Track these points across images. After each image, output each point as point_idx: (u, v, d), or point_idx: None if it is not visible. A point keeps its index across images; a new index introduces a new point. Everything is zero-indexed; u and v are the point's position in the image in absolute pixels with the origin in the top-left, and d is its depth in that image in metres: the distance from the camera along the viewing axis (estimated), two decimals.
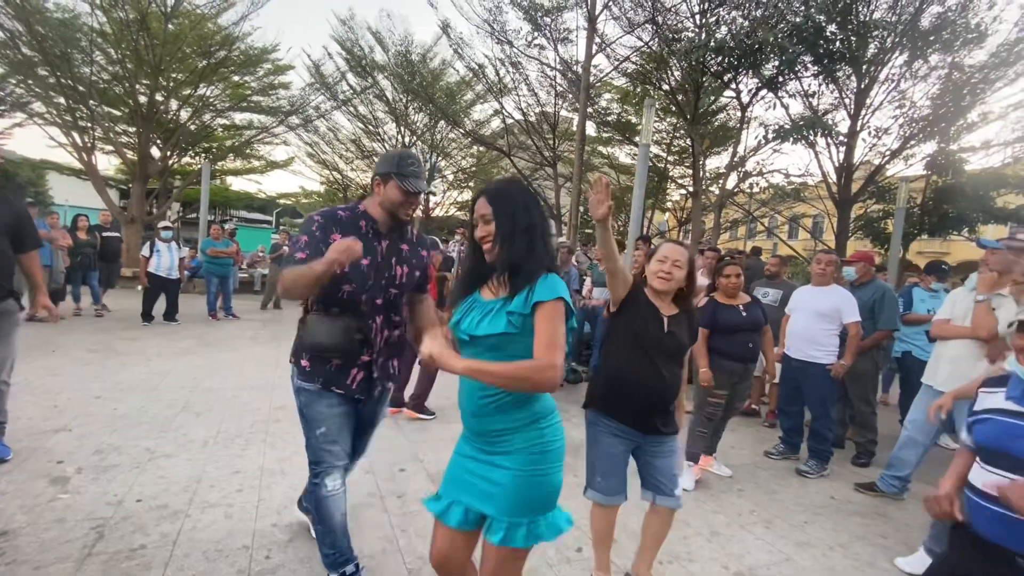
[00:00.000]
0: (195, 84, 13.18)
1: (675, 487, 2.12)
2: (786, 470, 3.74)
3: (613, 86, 13.58)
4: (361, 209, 1.87)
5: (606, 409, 2.09)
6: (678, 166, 15.61)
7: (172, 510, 2.46)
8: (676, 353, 2.09)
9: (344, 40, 14.62)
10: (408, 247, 1.95)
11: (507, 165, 15.50)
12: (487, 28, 12.10)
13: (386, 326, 1.91)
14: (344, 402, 1.89)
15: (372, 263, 1.82)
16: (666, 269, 2.07)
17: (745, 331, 3.36)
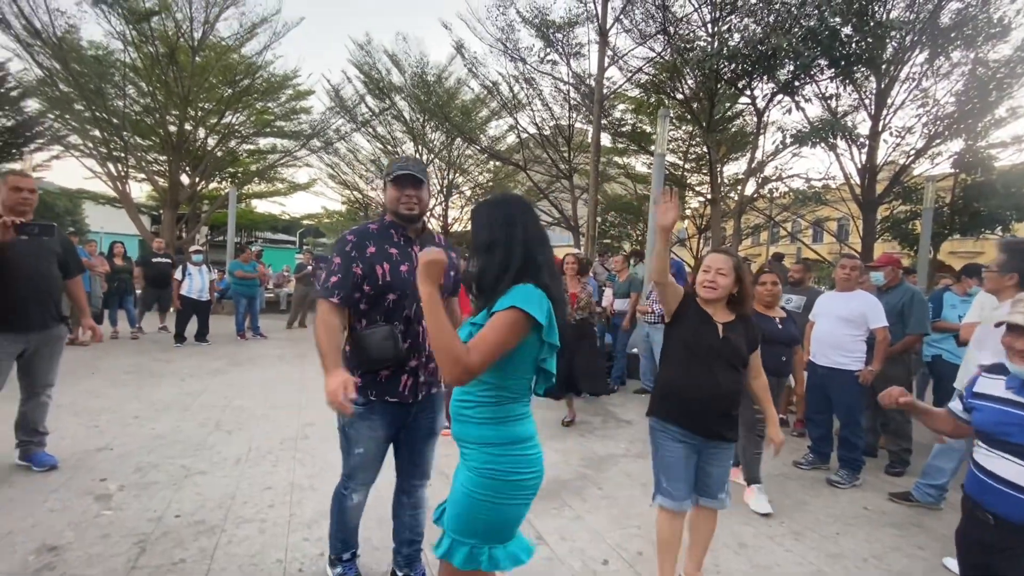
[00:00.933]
0: (221, 112, 13.71)
1: (721, 490, 2.18)
2: (816, 480, 3.66)
3: (627, 97, 13.65)
4: (388, 220, 1.94)
5: (665, 416, 2.16)
6: (696, 174, 15.53)
7: (208, 525, 2.55)
8: (733, 359, 2.10)
9: (362, 64, 15.05)
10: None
11: (523, 179, 15.63)
12: (500, 47, 12.33)
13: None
14: (386, 424, 1.91)
15: (410, 268, 1.86)
16: (710, 278, 2.10)
17: (780, 344, 3.28)
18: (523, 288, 1.31)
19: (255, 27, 13.16)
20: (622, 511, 3.01)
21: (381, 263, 1.82)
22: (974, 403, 1.65)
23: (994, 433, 1.54)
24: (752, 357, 2.23)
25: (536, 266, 1.37)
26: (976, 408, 1.63)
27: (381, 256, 1.83)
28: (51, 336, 3.07)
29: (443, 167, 16.92)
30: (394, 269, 1.83)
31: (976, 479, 1.59)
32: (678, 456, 2.13)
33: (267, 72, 13.97)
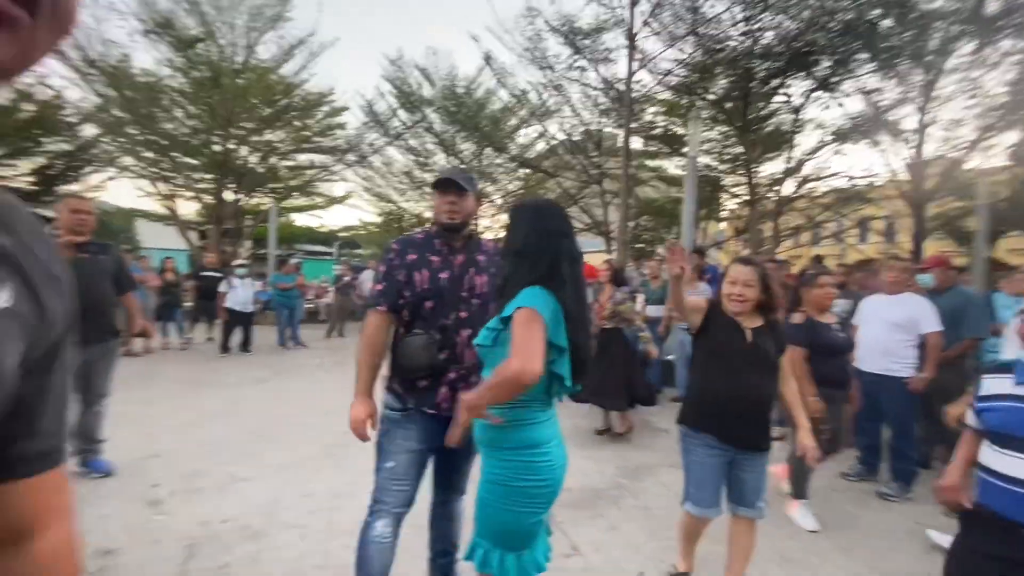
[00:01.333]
0: (262, 131, 14.29)
1: (758, 499, 2.16)
2: (865, 492, 3.49)
3: (658, 99, 13.47)
4: (433, 230, 1.93)
5: (695, 425, 2.17)
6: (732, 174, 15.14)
7: (253, 530, 2.64)
8: (762, 364, 2.11)
9: (394, 79, 15.41)
10: (485, 257, 1.93)
11: (553, 186, 15.63)
12: (528, 56, 12.41)
13: (471, 340, 1.81)
14: (422, 438, 1.82)
15: (450, 276, 1.83)
16: (737, 292, 2.11)
17: (842, 353, 3.05)
18: (530, 290, 1.39)
19: (292, 49, 13.69)
20: (658, 522, 2.95)
21: (420, 269, 1.81)
22: (984, 406, 1.55)
23: (1008, 432, 1.45)
24: (784, 361, 2.20)
25: (560, 279, 1.42)
26: (987, 410, 1.54)
27: (421, 263, 1.82)
28: (106, 349, 3.28)
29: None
30: (433, 277, 1.81)
31: (998, 489, 1.45)
32: (708, 464, 2.14)
33: (304, 91, 14.49)
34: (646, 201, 17.11)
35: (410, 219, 18.62)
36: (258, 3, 12.77)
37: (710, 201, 15.25)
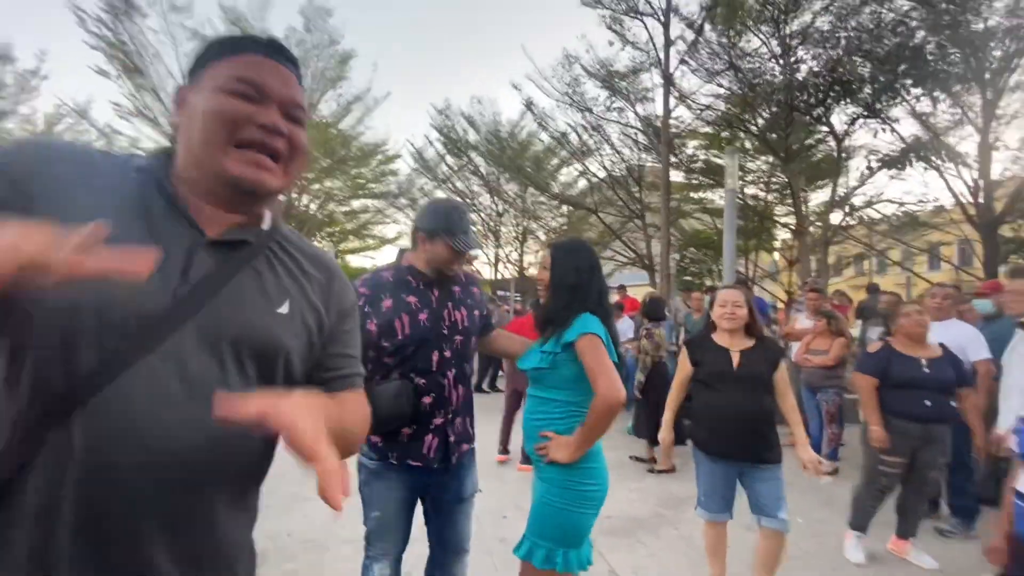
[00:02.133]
0: (321, 180, 15.48)
1: (778, 509, 2.28)
2: (923, 530, 3.35)
3: (699, 133, 13.60)
4: (406, 265, 1.75)
5: (696, 442, 2.46)
6: (780, 204, 14.87)
7: (316, 543, 2.90)
8: (751, 382, 2.32)
9: (441, 127, 16.41)
10: (460, 288, 1.81)
11: (596, 221, 15.87)
12: (567, 100, 12.95)
13: (459, 381, 1.72)
14: (406, 486, 1.69)
15: (431, 316, 1.68)
16: (728, 311, 2.38)
17: (926, 389, 2.84)
18: (585, 317, 1.61)
19: (350, 104, 14.96)
20: (698, 552, 2.96)
21: (399, 316, 1.64)
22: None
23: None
24: (777, 379, 2.34)
25: (604, 307, 1.69)
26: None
27: (398, 308, 1.65)
28: None
29: (518, 215, 17.66)
30: (413, 320, 1.65)
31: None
32: (713, 474, 2.38)
33: (360, 142, 15.68)
34: (692, 233, 17.02)
35: None
36: (320, 66, 14.11)
37: (759, 232, 15.00)
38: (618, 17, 11.28)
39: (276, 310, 0.72)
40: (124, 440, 0.59)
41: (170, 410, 0.61)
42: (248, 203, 0.73)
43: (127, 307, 0.59)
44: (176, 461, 0.62)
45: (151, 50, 11.77)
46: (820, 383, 4.58)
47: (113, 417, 0.59)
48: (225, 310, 0.67)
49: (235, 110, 0.67)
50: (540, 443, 1.65)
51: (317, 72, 14.19)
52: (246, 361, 0.69)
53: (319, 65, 14.12)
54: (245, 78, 0.68)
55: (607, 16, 11.28)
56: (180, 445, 0.62)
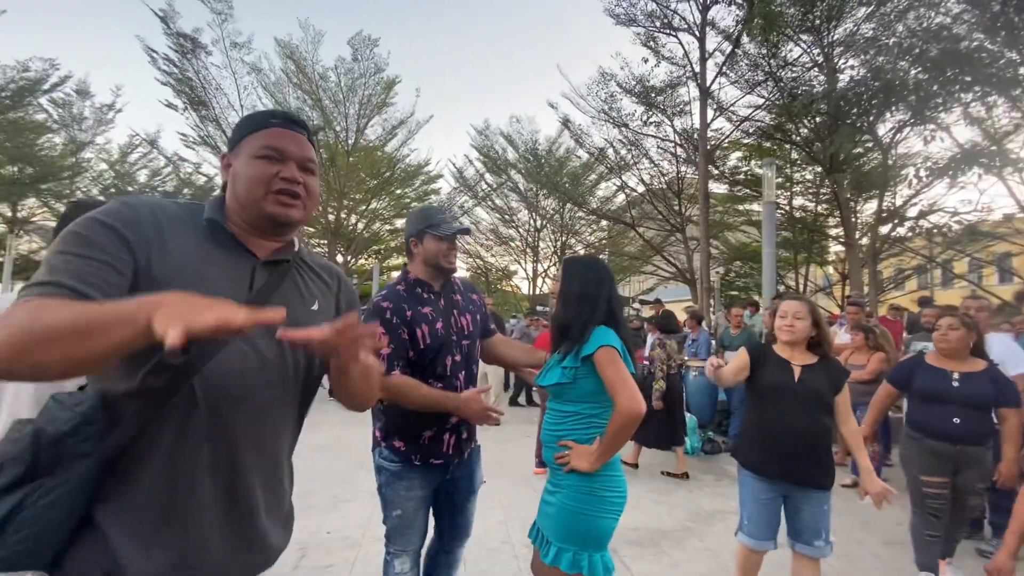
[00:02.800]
0: (368, 201, 16.20)
1: (817, 537, 2.15)
2: (963, 551, 3.20)
3: (741, 144, 13.39)
4: (412, 278, 1.84)
5: (744, 461, 2.29)
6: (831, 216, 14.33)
7: (352, 541, 3.10)
8: (811, 400, 2.17)
9: (481, 147, 16.90)
10: (460, 296, 1.93)
11: (635, 236, 15.79)
12: (603, 116, 13.06)
13: (468, 382, 1.87)
14: (426, 484, 1.81)
15: (445, 325, 1.81)
16: (788, 323, 2.27)
17: (953, 404, 2.68)
18: (601, 329, 1.64)
19: (395, 128, 15.67)
20: (722, 565, 2.97)
21: (420, 325, 1.75)
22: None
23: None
24: (839, 400, 2.21)
25: (616, 320, 1.70)
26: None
27: (419, 318, 1.76)
28: None
29: (556, 231, 17.82)
30: (432, 329, 1.77)
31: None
32: (760, 498, 2.21)
33: (404, 164, 16.34)
34: (737, 246, 16.62)
35: (496, 273, 19.57)
36: (367, 94, 14.88)
37: (808, 244, 14.48)
38: (652, 34, 11.35)
39: (311, 308, 1.04)
40: (228, 393, 0.87)
41: (252, 374, 0.90)
42: (281, 232, 1.02)
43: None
44: (258, 408, 0.91)
45: (214, 84, 12.82)
46: (858, 399, 4.41)
47: (219, 378, 0.86)
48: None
49: (266, 170, 0.96)
50: (560, 452, 1.67)
51: (364, 99, 14.97)
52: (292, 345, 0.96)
53: (366, 92, 14.91)
54: (271, 146, 0.97)
55: (641, 34, 11.38)
56: (260, 397, 0.91)
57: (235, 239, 0.96)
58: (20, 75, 12.52)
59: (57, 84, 13.18)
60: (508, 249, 19.27)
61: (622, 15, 11.25)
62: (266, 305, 0.92)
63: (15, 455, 0.77)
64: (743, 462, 2.28)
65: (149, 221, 0.87)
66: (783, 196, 13.97)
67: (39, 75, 12.73)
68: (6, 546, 0.74)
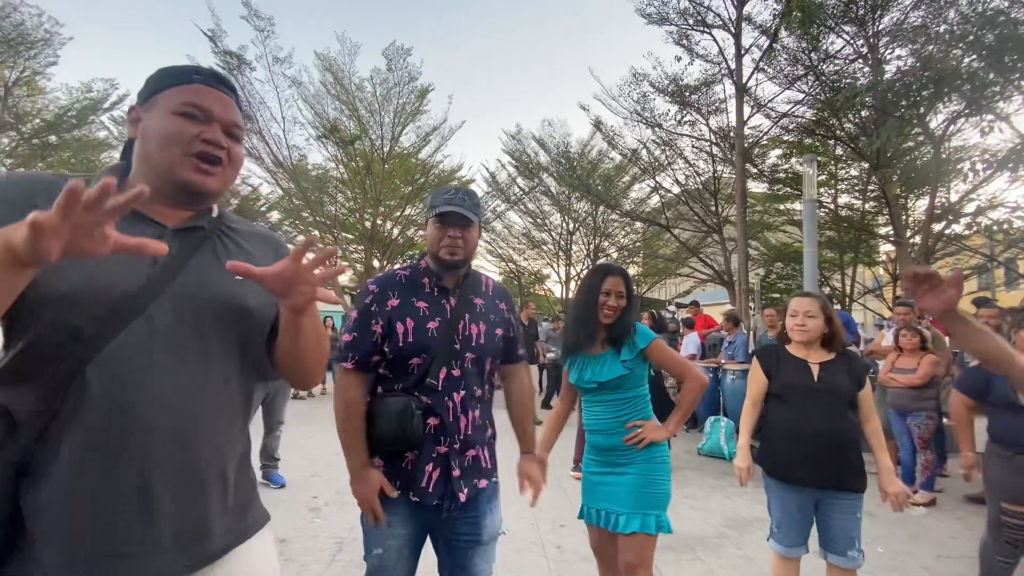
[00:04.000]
0: (403, 207, 16.54)
1: (850, 547, 2.05)
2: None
3: (782, 141, 12.95)
4: (422, 266, 1.58)
5: (771, 470, 2.18)
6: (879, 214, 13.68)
7: None
8: (833, 399, 2.08)
9: (513, 151, 16.99)
10: (483, 301, 1.60)
11: (670, 238, 15.51)
12: (636, 117, 12.90)
13: (469, 404, 1.50)
14: (412, 521, 1.47)
15: (442, 325, 1.49)
16: (799, 322, 2.19)
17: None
18: (640, 326, 1.99)
19: (428, 135, 15.94)
20: (759, 572, 2.88)
21: (404, 319, 1.47)
22: None
23: None
24: (861, 397, 2.10)
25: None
26: None
27: (405, 310, 1.48)
28: (283, 382, 4.20)
29: (589, 234, 17.71)
30: (419, 327, 1.47)
31: None
32: (787, 503, 2.13)
33: (438, 170, 16.61)
34: (778, 247, 16.07)
35: (529, 277, 19.58)
36: (401, 102, 15.21)
37: (856, 244, 13.86)
38: (686, 32, 11.16)
39: (236, 281, 0.88)
40: (126, 381, 0.78)
41: (156, 357, 0.80)
42: (195, 202, 0.92)
43: (111, 287, 0.78)
44: (165, 395, 0.81)
45: (258, 98, 13.39)
46: (910, 405, 4.22)
47: (116, 366, 0.77)
48: (191, 282, 0.86)
49: (187, 129, 0.86)
50: (630, 434, 1.91)
51: (399, 107, 15.32)
52: (211, 318, 0.88)
53: (400, 101, 15.25)
54: (193, 103, 0.87)
55: (674, 32, 11.20)
56: (166, 384, 0.81)
57: (134, 212, 0.82)
58: (84, 95, 13.43)
59: (116, 103, 14.05)
60: (540, 253, 19.27)
61: (654, 14, 11.11)
62: (174, 279, 0.83)
63: None
64: (768, 470, 2.18)
65: (24, 195, 0.78)
66: (827, 194, 13.44)
67: (100, 95, 13.61)
68: None
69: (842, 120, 10.31)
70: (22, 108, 12.39)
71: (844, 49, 9.86)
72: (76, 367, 0.75)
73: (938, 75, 7.68)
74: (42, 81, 13.02)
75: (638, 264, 18.83)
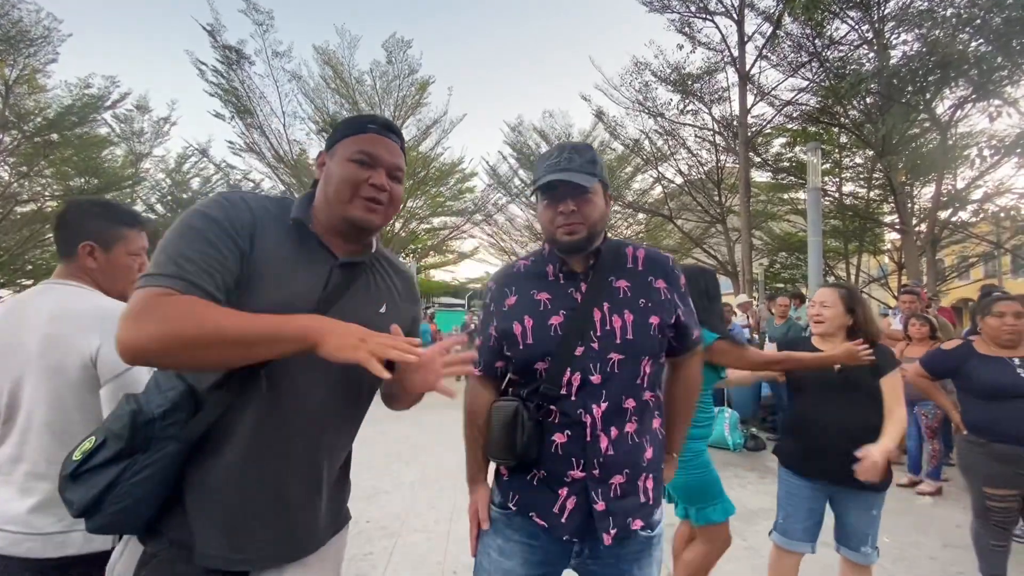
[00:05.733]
0: (404, 201, 16.52)
1: (863, 544, 2.02)
2: None
3: (786, 130, 12.83)
4: (547, 251, 1.30)
5: (786, 461, 2.15)
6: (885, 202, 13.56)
7: (390, 531, 3.19)
8: (853, 393, 2.03)
9: (514, 143, 16.89)
10: (629, 282, 1.23)
11: (673, 229, 15.44)
12: (638, 107, 12.80)
13: (613, 419, 1.16)
14: (531, 558, 1.20)
15: (569, 319, 1.20)
16: (815, 312, 2.16)
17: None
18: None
19: (429, 128, 15.86)
20: (764, 564, 2.86)
21: (521, 318, 1.22)
22: None
23: None
24: (884, 384, 2.01)
25: None
26: None
27: (523, 308, 1.24)
28: None
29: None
30: (539, 324, 1.21)
31: None
32: (797, 496, 2.09)
33: (439, 163, 16.55)
34: (782, 237, 15.98)
35: None
36: (401, 96, 15.14)
37: (860, 233, 13.76)
38: (688, 19, 11.04)
39: (379, 311, 1.08)
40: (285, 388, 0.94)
41: (315, 369, 0.95)
42: (361, 237, 1.07)
43: (290, 307, 0.91)
44: (318, 398, 0.98)
45: (257, 92, 13.36)
46: (917, 394, 4.19)
47: (281, 373, 0.93)
48: (347, 309, 1.00)
49: (357, 174, 1.02)
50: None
51: (399, 100, 15.25)
52: None
53: (401, 94, 15.17)
54: (365, 151, 1.02)
55: (676, 20, 11.09)
56: (319, 391, 0.97)
57: (318, 240, 1.02)
58: (82, 91, 13.42)
59: (118, 101, 14.02)
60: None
61: (655, 2, 11.00)
62: (335, 304, 0.99)
63: (117, 432, 0.86)
64: (783, 461, 2.16)
65: (246, 213, 0.95)
66: (831, 182, 13.32)
67: (101, 92, 13.59)
68: (104, 515, 0.85)
69: (847, 107, 10.22)
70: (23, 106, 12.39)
71: (849, 35, 9.77)
72: (256, 367, 0.89)
73: (945, 60, 7.59)
74: (42, 79, 13.00)
75: None
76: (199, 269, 0.85)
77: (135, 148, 16.30)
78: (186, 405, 0.88)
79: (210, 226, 0.89)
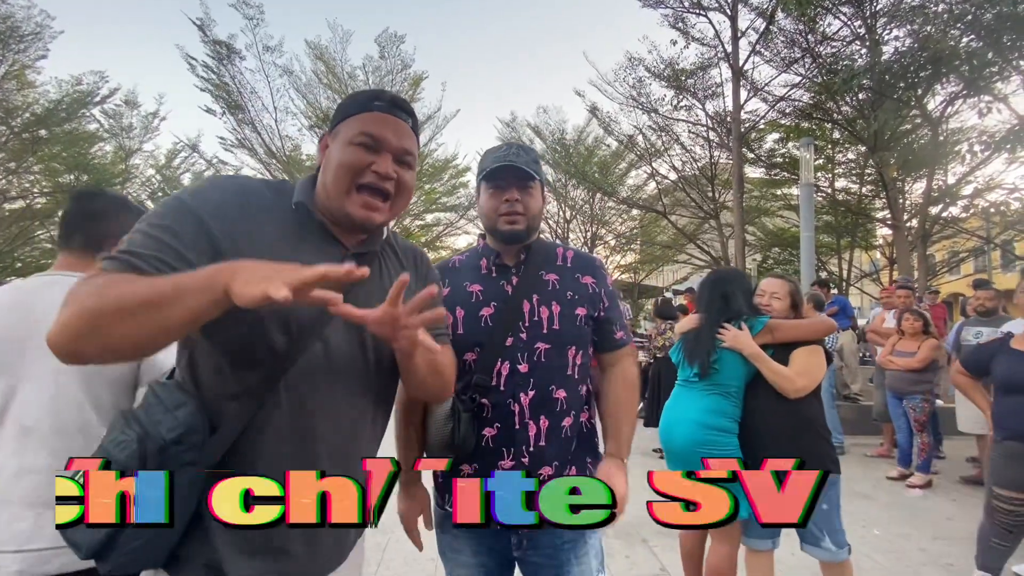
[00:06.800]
0: None
1: (821, 539, 1.99)
2: None
3: (780, 125, 12.85)
4: (482, 245, 1.35)
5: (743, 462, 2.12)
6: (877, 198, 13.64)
7: (382, 527, 3.15)
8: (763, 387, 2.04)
9: (508, 139, 16.83)
10: (558, 276, 1.28)
11: (667, 225, 15.47)
12: (632, 103, 12.79)
13: (541, 408, 1.20)
14: (481, 551, 1.25)
15: (498, 311, 1.23)
16: (765, 302, 2.15)
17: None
18: None
19: (422, 124, 15.77)
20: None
21: (454, 309, 1.24)
22: None
23: None
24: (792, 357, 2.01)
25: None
26: None
27: (456, 299, 1.26)
28: None
29: (585, 221, 17.65)
30: (470, 315, 1.23)
31: None
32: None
33: (432, 158, 16.48)
34: (775, 232, 16.05)
35: None
36: (395, 91, 15.03)
37: (852, 228, 13.84)
38: (681, 15, 11.02)
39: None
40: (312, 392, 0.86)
41: (330, 372, 0.87)
42: (362, 232, 0.97)
43: (292, 309, 0.82)
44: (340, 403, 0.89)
45: (248, 88, 13.23)
46: (907, 388, 4.23)
47: (302, 381, 0.85)
48: (360, 303, 0.88)
49: (358, 160, 0.89)
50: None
51: None
52: (371, 336, 0.92)
53: (394, 89, 15.08)
54: (368, 132, 0.90)
55: (670, 15, 11.06)
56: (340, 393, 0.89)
57: (324, 227, 0.92)
58: (74, 88, 13.24)
59: (107, 96, 13.85)
60: None
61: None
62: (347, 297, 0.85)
63: (123, 462, 0.76)
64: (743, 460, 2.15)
65: (235, 204, 0.85)
66: (823, 178, 13.40)
67: (90, 88, 13.42)
68: (125, 552, 0.76)
69: (839, 103, 10.25)
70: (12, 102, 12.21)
71: (841, 31, 9.79)
72: (275, 377, 0.82)
73: (936, 56, 7.61)
74: (32, 75, 12.83)
75: (635, 251, 18.80)
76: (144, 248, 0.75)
77: (125, 144, 16.11)
78: (200, 425, 0.79)
79: (182, 216, 0.80)
